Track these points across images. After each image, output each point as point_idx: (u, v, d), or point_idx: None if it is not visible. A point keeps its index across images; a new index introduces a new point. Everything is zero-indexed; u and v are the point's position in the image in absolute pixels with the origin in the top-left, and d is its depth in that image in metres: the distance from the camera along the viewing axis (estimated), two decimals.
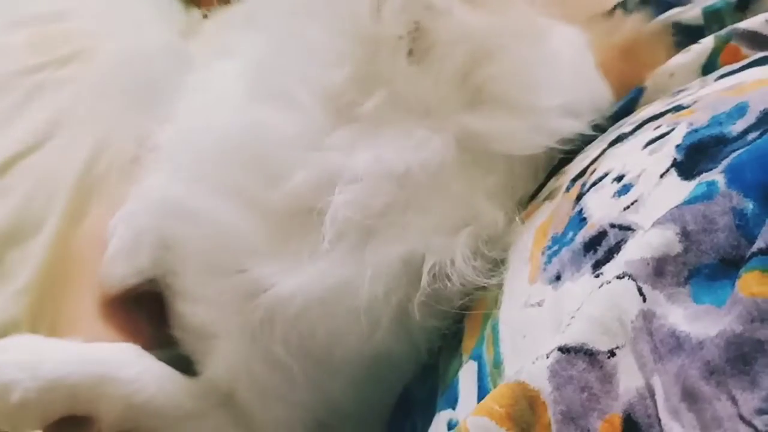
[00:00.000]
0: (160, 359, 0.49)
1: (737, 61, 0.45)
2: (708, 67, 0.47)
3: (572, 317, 0.31)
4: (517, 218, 0.45)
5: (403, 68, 0.45)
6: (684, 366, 0.27)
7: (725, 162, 0.31)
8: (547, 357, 0.30)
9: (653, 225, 0.31)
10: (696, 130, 0.36)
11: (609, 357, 0.29)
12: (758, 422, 0.24)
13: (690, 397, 0.26)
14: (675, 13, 0.54)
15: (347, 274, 0.43)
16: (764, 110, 0.34)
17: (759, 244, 0.27)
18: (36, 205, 0.65)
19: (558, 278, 0.37)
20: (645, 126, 0.41)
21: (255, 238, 0.45)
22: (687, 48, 0.49)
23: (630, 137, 0.42)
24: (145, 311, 0.52)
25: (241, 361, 0.47)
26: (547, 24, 0.49)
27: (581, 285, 0.34)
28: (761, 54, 0.44)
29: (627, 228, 0.34)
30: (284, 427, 0.48)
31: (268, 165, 0.46)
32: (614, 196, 0.37)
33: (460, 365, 0.41)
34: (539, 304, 0.37)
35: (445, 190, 0.45)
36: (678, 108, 0.40)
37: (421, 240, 0.44)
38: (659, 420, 0.27)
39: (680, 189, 0.33)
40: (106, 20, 0.79)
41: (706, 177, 0.31)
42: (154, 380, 0.48)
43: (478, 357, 0.40)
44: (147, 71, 0.73)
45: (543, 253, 0.39)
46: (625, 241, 0.33)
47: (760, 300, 0.25)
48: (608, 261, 0.33)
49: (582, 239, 0.36)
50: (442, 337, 0.46)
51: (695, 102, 0.40)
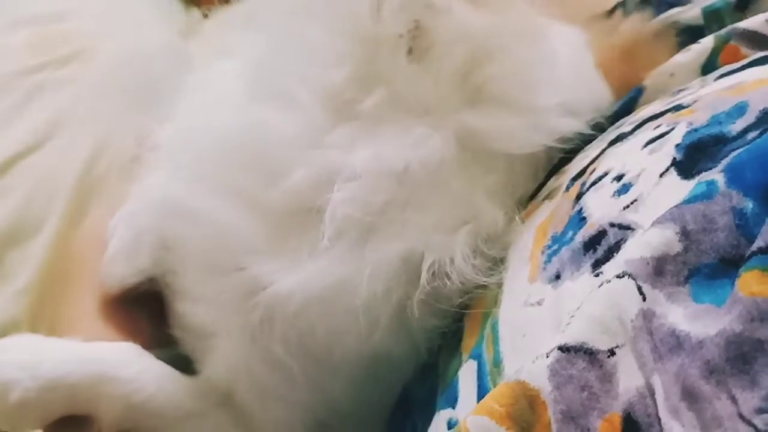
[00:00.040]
0: (160, 358, 0.49)
1: (737, 61, 0.45)
2: (708, 67, 0.47)
3: (572, 316, 0.31)
4: (517, 217, 0.45)
5: (403, 67, 0.45)
6: (684, 365, 0.27)
7: (725, 161, 0.31)
8: (547, 356, 0.30)
9: (653, 224, 0.31)
10: (696, 130, 0.36)
11: (609, 356, 0.29)
12: (758, 421, 0.24)
13: (690, 397, 0.26)
14: (675, 13, 0.54)
15: (346, 272, 0.43)
16: (764, 110, 0.34)
17: (759, 244, 0.27)
18: (36, 206, 0.65)
19: (558, 277, 0.37)
20: (645, 125, 0.41)
21: (255, 237, 0.45)
22: (687, 48, 0.49)
23: (630, 137, 0.42)
24: (145, 311, 0.52)
25: (241, 361, 0.47)
26: (547, 24, 0.49)
27: (581, 284, 0.34)
28: (761, 54, 0.44)
29: (627, 227, 0.34)
30: (284, 427, 0.48)
31: (268, 164, 0.46)
32: (614, 196, 0.37)
33: (460, 364, 0.41)
34: (539, 304, 0.37)
35: (445, 188, 0.45)
36: (678, 107, 0.40)
37: (421, 238, 0.44)
38: (659, 419, 0.27)
39: (680, 188, 0.33)
40: (106, 20, 0.79)
41: (706, 176, 0.31)
42: (154, 380, 0.47)
43: (478, 356, 0.40)
44: (147, 71, 0.73)
45: (543, 253, 0.39)
46: (625, 241, 0.33)
47: (760, 299, 0.25)
48: (608, 260, 0.33)
49: (582, 238, 0.36)
50: (442, 337, 0.46)
51: (695, 101, 0.40)
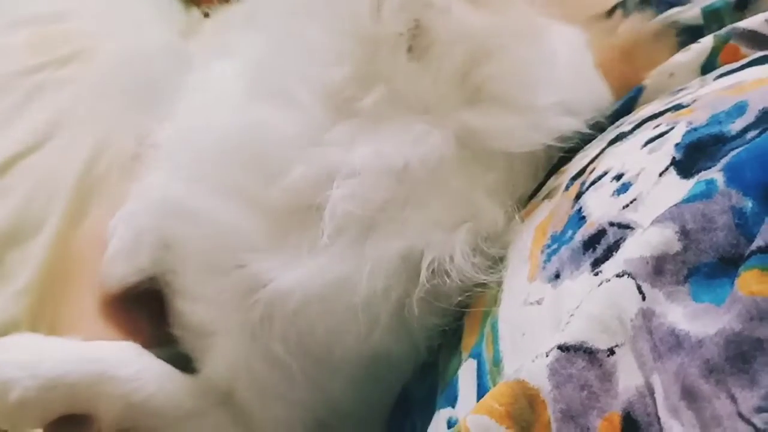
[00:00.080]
0: (160, 357, 0.49)
1: (736, 61, 0.45)
2: (707, 67, 0.47)
3: (572, 315, 0.31)
4: (517, 216, 0.45)
5: (403, 65, 0.45)
6: (683, 364, 0.27)
7: (724, 160, 0.31)
8: (547, 355, 0.30)
9: (652, 223, 0.31)
10: (695, 129, 0.36)
11: (608, 355, 0.29)
12: (757, 420, 0.24)
13: (689, 396, 0.26)
14: (674, 13, 0.54)
15: (346, 270, 0.43)
16: (763, 109, 0.34)
17: (758, 243, 0.27)
18: (36, 206, 0.65)
19: (557, 276, 0.37)
20: (644, 125, 0.41)
21: (255, 235, 0.45)
22: (686, 47, 0.49)
23: (629, 136, 0.42)
24: (145, 310, 0.52)
25: (241, 359, 0.46)
26: (546, 24, 0.49)
27: (580, 283, 0.34)
28: (760, 53, 0.44)
29: (626, 226, 0.34)
30: (284, 427, 0.48)
31: (268, 163, 0.46)
32: (613, 195, 0.37)
33: (460, 363, 0.41)
34: (538, 303, 0.37)
35: (445, 186, 0.45)
36: (677, 107, 0.40)
37: (421, 236, 0.44)
38: (659, 418, 0.27)
39: (679, 187, 0.33)
40: (106, 20, 0.79)
41: (705, 175, 0.31)
42: (154, 379, 0.47)
43: (478, 355, 0.40)
44: (147, 71, 0.73)
45: (542, 252, 0.39)
46: (624, 240, 0.33)
47: (759, 299, 0.25)
48: (607, 259, 0.33)
49: (581, 237, 0.36)
50: (442, 335, 0.46)
51: (694, 101, 0.40)
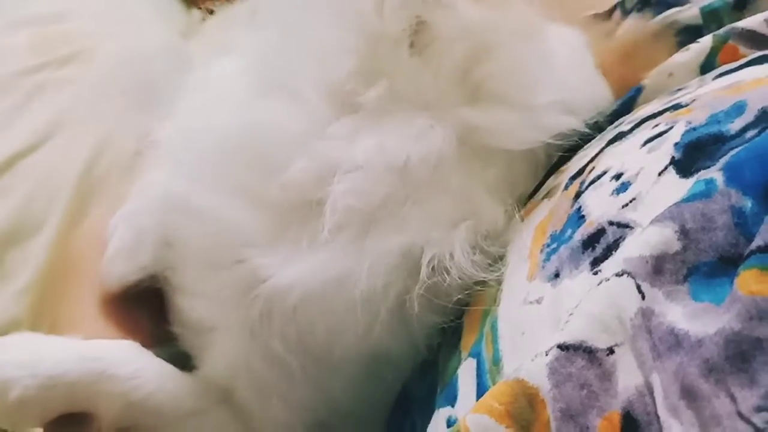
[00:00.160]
0: (160, 356, 0.49)
1: (735, 60, 0.45)
2: (706, 66, 0.47)
3: (571, 315, 0.31)
4: (517, 215, 0.45)
5: (405, 60, 0.45)
6: (683, 364, 0.27)
7: (723, 160, 0.31)
8: (546, 354, 0.30)
9: (651, 223, 0.31)
10: (694, 129, 0.36)
11: (608, 354, 0.29)
12: (757, 420, 0.24)
13: (689, 395, 0.26)
14: (673, 13, 0.54)
15: (347, 266, 0.43)
16: (762, 109, 0.34)
17: (757, 242, 0.27)
18: (36, 206, 0.65)
19: (557, 276, 0.37)
20: (643, 124, 0.41)
21: (255, 230, 0.45)
22: (686, 47, 0.49)
23: (628, 135, 0.42)
24: (145, 308, 0.52)
25: (240, 357, 0.46)
26: (545, 24, 0.49)
27: (580, 282, 0.34)
28: (759, 53, 0.44)
29: (625, 226, 0.34)
30: (283, 426, 0.48)
31: (270, 159, 0.45)
32: (613, 194, 0.37)
33: (459, 362, 0.41)
34: (538, 302, 0.37)
35: (445, 183, 0.45)
36: (676, 106, 0.40)
37: (421, 232, 0.44)
38: (658, 417, 0.27)
39: (678, 187, 0.33)
40: (106, 20, 0.79)
41: (705, 175, 0.31)
42: (154, 377, 0.47)
43: (477, 354, 0.40)
44: (147, 71, 0.74)
45: (542, 251, 0.39)
46: (624, 239, 0.33)
47: (759, 298, 0.25)
48: (607, 258, 0.33)
49: (580, 237, 0.36)
50: (442, 334, 0.46)
51: (693, 100, 0.40)
